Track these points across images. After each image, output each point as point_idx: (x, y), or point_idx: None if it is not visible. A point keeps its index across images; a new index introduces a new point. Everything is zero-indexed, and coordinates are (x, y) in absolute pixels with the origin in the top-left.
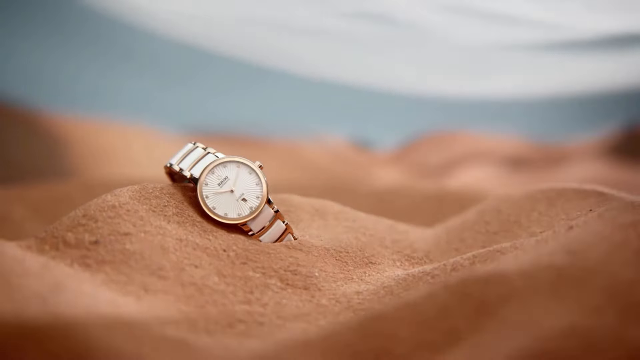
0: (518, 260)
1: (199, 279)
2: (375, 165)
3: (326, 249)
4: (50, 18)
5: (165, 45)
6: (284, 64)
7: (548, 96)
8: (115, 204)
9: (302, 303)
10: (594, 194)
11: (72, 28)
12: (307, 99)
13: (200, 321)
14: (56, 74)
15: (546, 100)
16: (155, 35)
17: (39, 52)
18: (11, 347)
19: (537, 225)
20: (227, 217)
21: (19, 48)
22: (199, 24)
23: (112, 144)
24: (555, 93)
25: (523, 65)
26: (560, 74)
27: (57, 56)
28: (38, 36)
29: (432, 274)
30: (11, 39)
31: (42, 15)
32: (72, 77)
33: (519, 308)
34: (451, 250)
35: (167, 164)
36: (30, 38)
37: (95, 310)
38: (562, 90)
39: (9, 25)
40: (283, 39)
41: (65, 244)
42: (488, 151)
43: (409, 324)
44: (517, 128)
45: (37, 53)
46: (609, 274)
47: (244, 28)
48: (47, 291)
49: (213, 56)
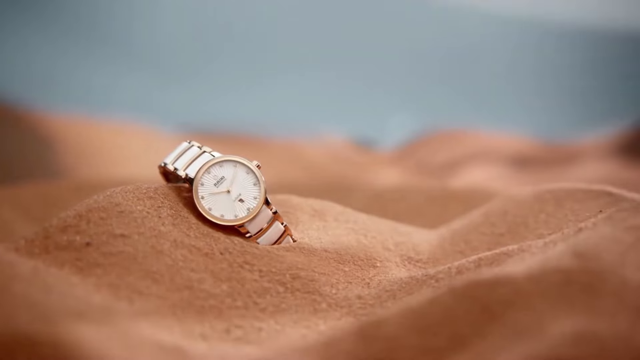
0: (525, 263)
1: (195, 283)
2: (377, 164)
3: (326, 252)
4: (41, 11)
5: (163, 41)
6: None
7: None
8: (107, 205)
9: (301, 308)
10: (604, 195)
11: (65, 22)
12: (306, 97)
13: (195, 326)
14: (47, 70)
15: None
16: (152, 31)
17: (29, 46)
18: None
19: (545, 227)
20: (224, 218)
21: (7, 43)
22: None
23: (105, 142)
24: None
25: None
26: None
27: (48, 51)
28: (28, 30)
29: (436, 277)
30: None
31: (33, 9)
32: (64, 73)
33: (526, 313)
34: (456, 253)
35: (162, 163)
36: (20, 32)
37: (87, 315)
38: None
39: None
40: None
41: (56, 246)
42: (494, 150)
43: (411, 330)
44: (524, 126)
45: (27, 48)
46: (620, 277)
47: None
48: (37, 295)
49: (211, 53)
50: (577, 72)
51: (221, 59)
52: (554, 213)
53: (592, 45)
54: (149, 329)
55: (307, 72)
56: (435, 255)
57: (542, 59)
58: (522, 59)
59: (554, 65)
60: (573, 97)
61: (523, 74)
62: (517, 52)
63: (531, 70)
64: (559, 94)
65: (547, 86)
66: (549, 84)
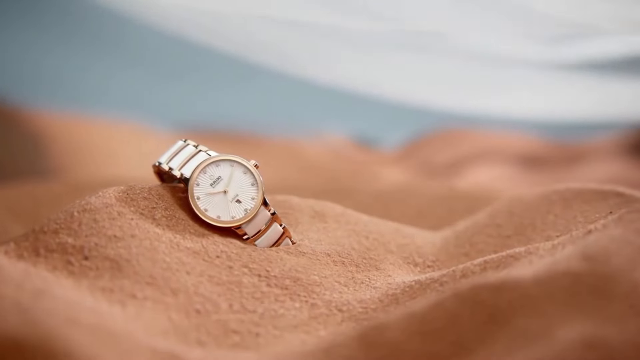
0: (532, 266)
1: (191, 286)
2: (378, 164)
3: (327, 254)
4: (29, 6)
5: (157, 36)
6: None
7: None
8: (99, 206)
9: (300, 312)
10: (614, 195)
11: (55, 16)
12: (306, 95)
13: (191, 332)
14: (36, 66)
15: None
16: (146, 26)
17: (17, 42)
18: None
19: (553, 229)
20: (220, 219)
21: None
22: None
23: (97, 141)
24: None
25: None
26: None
27: (38, 46)
28: (17, 25)
29: (440, 280)
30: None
31: (21, 4)
32: (54, 69)
33: (534, 318)
34: (460, 256)
35: (156, 162)
36: (9, 28)
37: (78, 319)
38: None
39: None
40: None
41: (46, 248)
42: (500, 149)
43: (415, 335)
44: (531, 125)
45: (17, 44)
46: (631, 281)
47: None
48: (28, 299)
49: (208, 49)
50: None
51: (217, 54)
52: (562, 214)
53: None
54: (142, 334)
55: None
56: (439, 258)
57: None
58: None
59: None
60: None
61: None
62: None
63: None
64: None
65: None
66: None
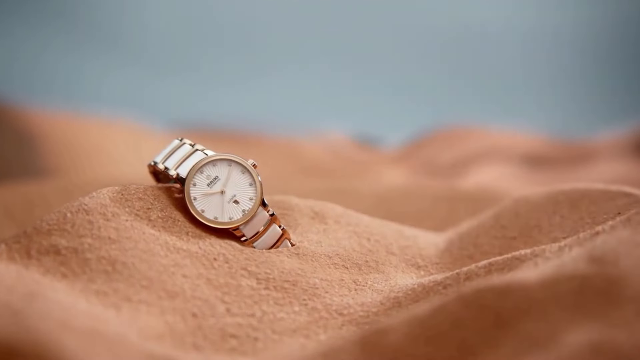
0: (538, 269)
1: (187, 289)
2: (380, 164)
3: (327, 256)
4: (23, 2)
5: (154, 33)
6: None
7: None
8: (94, 207)
9: (300, 316)
10: (622, 196)
11: (49, 12)
12: (305, 94)
13: (187, 336)
14: (30, 64)
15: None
16: (142, 21)
17: (11, 38)
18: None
19: (560, 230)
20: (217, 221)
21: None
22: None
23: (91, 140)
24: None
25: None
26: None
27: (31, 43)
28: (9, 21)
29: (444, 283)
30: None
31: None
32: (48, 67)
33: (540, 322)
34: (464, 258)
35: (151, 162)
36: (1, 26)
37: (72, 323)
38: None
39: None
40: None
41: (39, 250)
42: (504, 148)
43: (418, 339)
44: (536, 122)
45: (8, 41)
46: None
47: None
48: (19, 303)
49: (204, 45)
50: (593, 68)
51: (215, 50)
52: (569, 215)
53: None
54: (137, 338)
55: (306, 65)
56: (442, 260)
57: (557, 54)
58: (536, 53)
59: (569, 60)
60: (588, 92)
61: (536, 68)
62: (531, 44)
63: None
64: (574, 88)
65: (561, 81)
66: (564, 79)
